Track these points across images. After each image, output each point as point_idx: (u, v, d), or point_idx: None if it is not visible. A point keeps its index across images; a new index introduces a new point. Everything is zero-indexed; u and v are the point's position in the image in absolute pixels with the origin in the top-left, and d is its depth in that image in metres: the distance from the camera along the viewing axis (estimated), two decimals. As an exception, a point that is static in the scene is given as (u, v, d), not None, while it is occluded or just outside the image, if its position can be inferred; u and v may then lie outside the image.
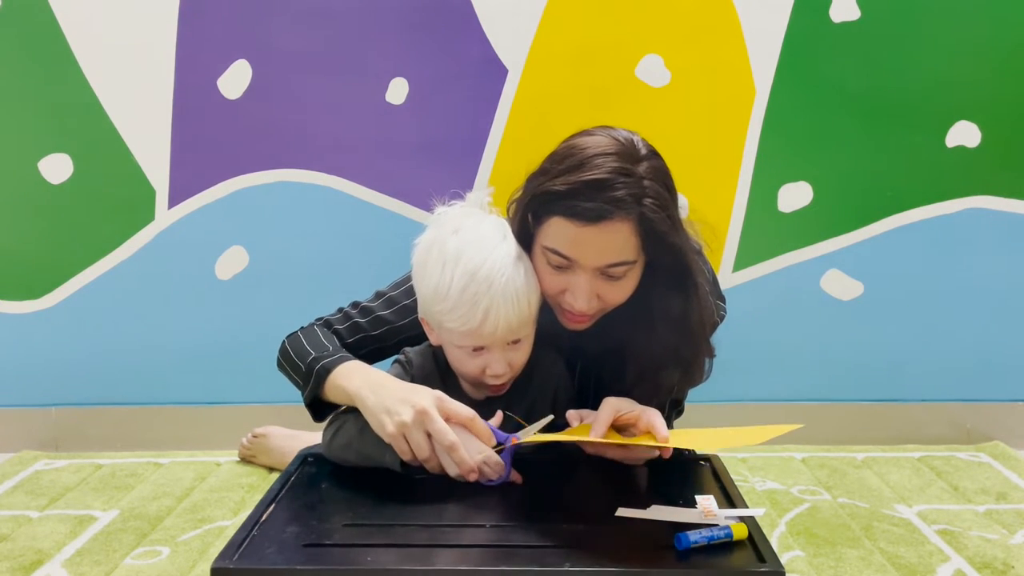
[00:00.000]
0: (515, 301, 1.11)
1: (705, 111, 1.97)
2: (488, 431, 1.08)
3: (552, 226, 1.13)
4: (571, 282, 1.14)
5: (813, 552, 1.47)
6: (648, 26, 1.94)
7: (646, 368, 1.21)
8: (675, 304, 1.18)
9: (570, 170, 1.11)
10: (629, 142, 1.13)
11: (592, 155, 1.11)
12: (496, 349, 1.13)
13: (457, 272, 1.10)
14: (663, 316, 1.18)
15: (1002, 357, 2.04)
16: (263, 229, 2.01)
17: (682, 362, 1.21)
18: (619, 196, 1.08)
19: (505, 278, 1.10)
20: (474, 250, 1.11)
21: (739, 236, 2.01)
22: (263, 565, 0.89)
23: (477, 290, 1.09)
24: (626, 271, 1.14)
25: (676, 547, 0.90)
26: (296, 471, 1.15)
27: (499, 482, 1.07)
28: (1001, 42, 1.94)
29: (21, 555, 1.48)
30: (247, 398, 2.02)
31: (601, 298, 1.15)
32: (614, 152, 1.11)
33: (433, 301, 1.13)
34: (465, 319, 1.10)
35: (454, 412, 1.07)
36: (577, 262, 1.13)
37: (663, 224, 1.11)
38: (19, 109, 1.97)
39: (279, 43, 1.95)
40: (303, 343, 1.26)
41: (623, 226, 1.10)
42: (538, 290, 1.16)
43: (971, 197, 2.00)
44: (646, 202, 1.09)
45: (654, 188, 1.11)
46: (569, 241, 1.12)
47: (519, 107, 1.96)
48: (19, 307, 2.03)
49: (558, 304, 1.18)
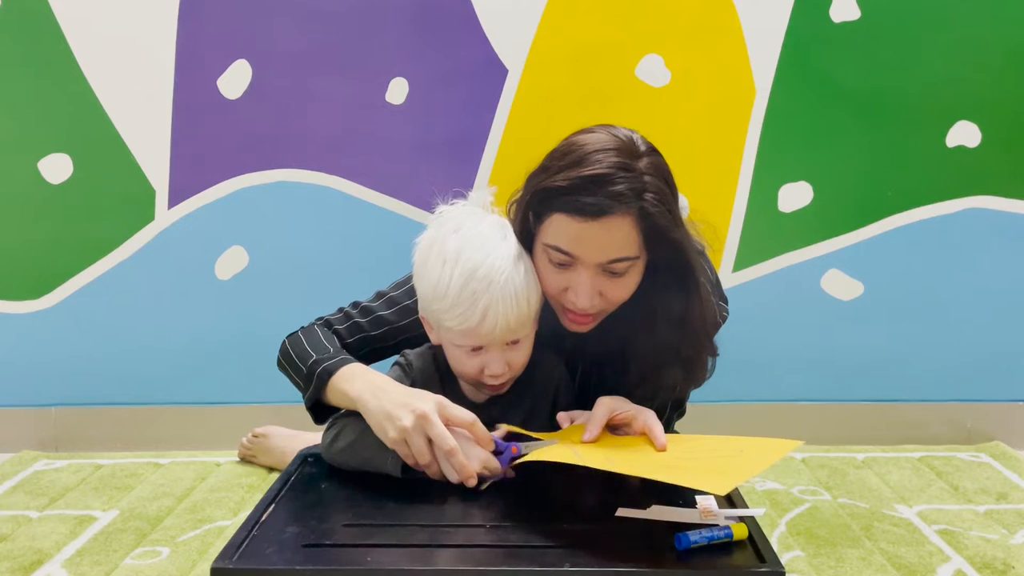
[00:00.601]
0: (514, 300, 1.11)
1: (705, 111, 1.97)
2: (488, 436, 1.08)
3: (553, 223, 1.13)
4: (573, 280, 1.14)
5: (813, 552, 1.47)
6: (648, 26, 1.94)
7: (648, 368, 1.20)
8: (676, 302, 1.18)
9: (570, 166, 1.11)
10: (629, 139, 1.14)
11: (592, 151, 1.11)
12: (495, 349, 1.13)
13: (457, 270, 1.10)
14: (664, 315, 1.18)
15: (1002, 357, 2.04)
16: (263, 229, 2.01)
17: (684, 361, 1.21)
18: (619, 191, 1.08)
19: (505, 277, 1.10)
20: (474, 248, 1.11)
21: (739, 236, 2.01)
22: (263, 565, 0.89)
23: (476, 288, 1.09)
24: (628, 267, 1.14)
25: (676, 547, 0.90)
26: (296, 471, 1.15)
27: (495, 479, 1.07)
28: (1001, 42, 1.94)
29: (21, 555, 1.48)
30: (247, 398, 2.02)
31: (603, 296, 1.15)
32: (614, 148, 1.11)
33: (432, 299, 1.13)
34: (464, 318, 1.10)
35: (455, 417, 1.07)
36: (579, 258, 1.12)
37: (663, 218, 1.11)
38: (19, 109, 1.97)
39: (279, 43, 1.95)
40: (304, 344, 1.26)
41: (624, 221, 1.10)
42: (538, 290, 1.16)
43: (971, 197, 2.00)
44: (647, 197, 1.10)
45: (654, 183, 1.11)
46: (570, 237, 1.11)
47: (519, 107, 1.96)
48: (19, 307, 2.03)
49: (560, 304, 1.18)
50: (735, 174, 1.99)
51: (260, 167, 1.99)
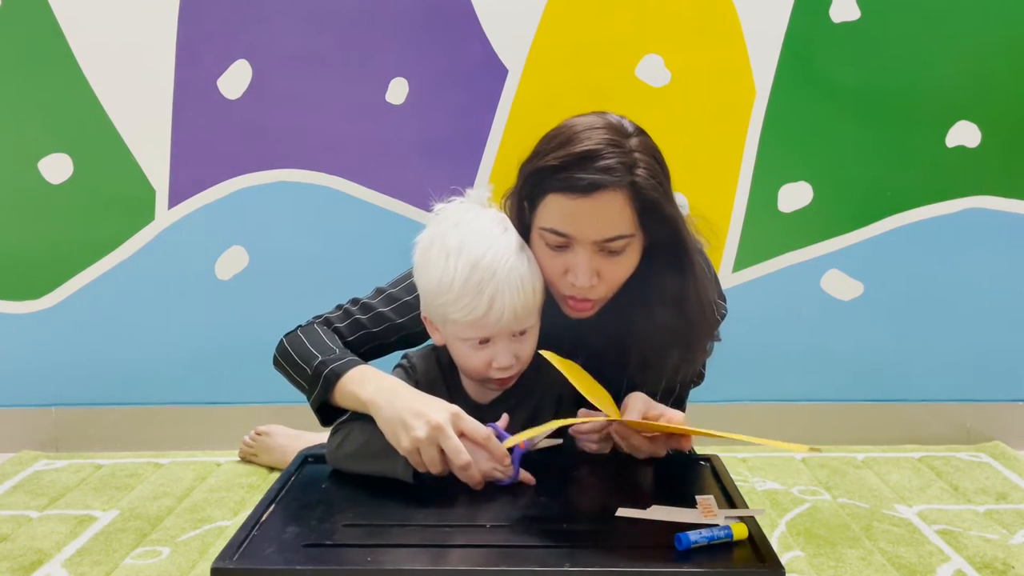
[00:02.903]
0: (520, 288, 1.11)
1: (705, 111, 1.97)
2: (503, 451, 1.06)
3: (547, 206, 1.13)
4: (571, 261, 1.14)
5: (813, 552, 1.47)
6: (648, 26, 1.94)
7: (649, 355, 1.20)
8: (672, 283, 1.18)
9: (560, 146, 1.13)
10: (618, 121, 1.16)
11: (581, 130, 1.13)
12: (502, 340, 1.13)
13: (460, 263, 1.10)
14: (660, 297, 1.18)
15: (1002, 357, 2.04)
16: (263, 229, 2.01)
17: (681, 342, 1.21)
18: (610, 164, 1.10)
19: (509, 265, 1.11)
20: (476, 240, 1.12)
21: (739, 236, 2.01)
22: (263, 565, 0.89)
23: (481, 278, 1.09)
24: (625, 245, 1.14)
25: (676, 547, 0.90)
26: (296, 471, 1.15)
27: (508, 483, 1.07)
28: (1001, 42, 1.94)
29: (21, 555, 1.48)
30: (247, 398, 2.02)
31: (602, 276, 1.15)
32: (603, 127, 1.13)
33: (437, 293, 1.12)
34: (470, 308, 1.10)
35: (469, 430, 1.06)
36: (575, 237, 1.13)
37: (655, 191, 1.12)
38: (19, 109, 1.97)
39: (279, 43, 1.95)
40: (305, 344, 1.25)
41: (617, 196, 1.11)
42: (542, 279, 1.16)
43: (971, 197, 2.00)
44: (638, 171, 1.11)
45: (645, 159, 1.12)
46: (565, 216, 1.12)
47: (519, 107, 1.96)
48: (19, 307, 2.03)
49: (560, 291, 1.17)
50: (735, 174, 1.99)
51: (260, 167, 1.99)
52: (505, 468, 1.06)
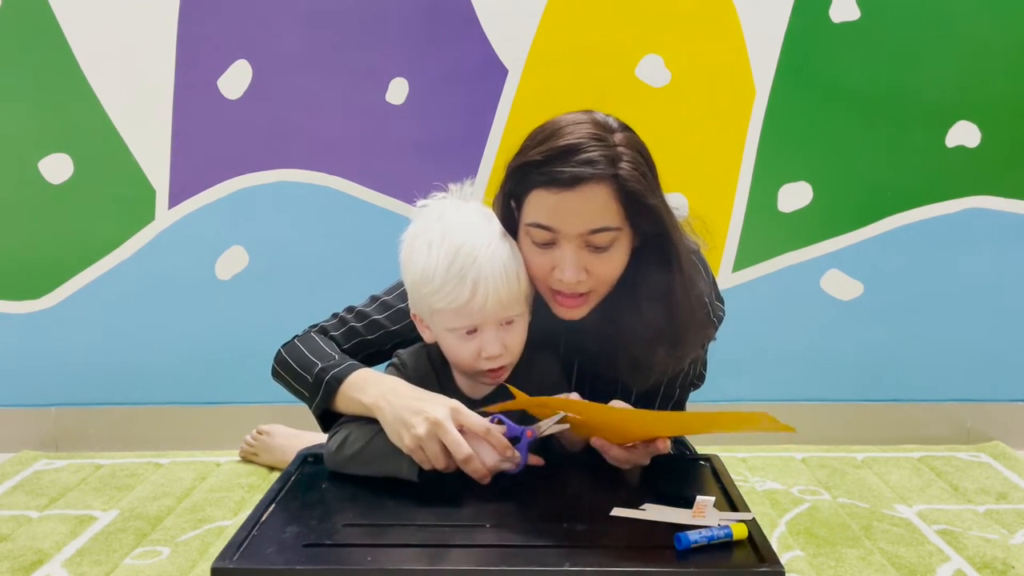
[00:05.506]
0: (503, 273, 1.11)
1: (705, 111, 1.97)
2: (505, 442, 1.06)
3: (532, 201, 1.14)
4: (557, 257, 1.14)
5: (813, 552, 1.47)
6: (648, 26, 1.94)
7: (638, 353, 1.20)
8: (658, 278, 1.17)
9: (544, 140, 1.14)
10: (604, 118, 1.16)
11: (565, 124, 1.14)
12: (489, 329, 1.12)
13: (442, 251, 1.11)
14: (647, 292, 1.18)
15: (1002, 357, 2.04)
16: (263, 229, 2.01)
17: (669, 338, 1.20)
18: (593, 157, 1.10)
19: (491, 251, 1.11)
20: (458, 229, 1.12)
21: (739, 236, 2.01)
22: (263, 565, 0.89)
23: (463, 264, 1.10)
24: (611, 240, 1.13)
25: (676, 547, 0.90)
26: (296, 471, 1.15)
27: (518, 471, 1.07)
28: (1001, 42, 1.94)
29: (21, 555, 1.48)
30: (247, 398, 2.02)
31: (590, 272, 1.14)
32: (587, 122, 1.14)
33: (421, 284, 1.13)
34: (454, 295, 1.10)
35: (469, 423, 1.06)
36: (560, 231, 1.13)
37: (639, 184, 1.12)
38: (19, 109, 1.97)
39: (279, 43, 1.95)
40: (304, 352, 1.25)
41: (600, 189, 1.11)
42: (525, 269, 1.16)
43: (971, 197, 2.00)
44: (621, 165, 1.11)
45: (629, 153, 1.12)
46: (549, 210, 1.12)
47: (519, 107, 1.96)
48: (19, 307, 2.03)
49: (549, 290, 1.17)
50: (735, 174, 1.99)
51: (260, 167, 1.99)
52: (510, 458, 1.06)
